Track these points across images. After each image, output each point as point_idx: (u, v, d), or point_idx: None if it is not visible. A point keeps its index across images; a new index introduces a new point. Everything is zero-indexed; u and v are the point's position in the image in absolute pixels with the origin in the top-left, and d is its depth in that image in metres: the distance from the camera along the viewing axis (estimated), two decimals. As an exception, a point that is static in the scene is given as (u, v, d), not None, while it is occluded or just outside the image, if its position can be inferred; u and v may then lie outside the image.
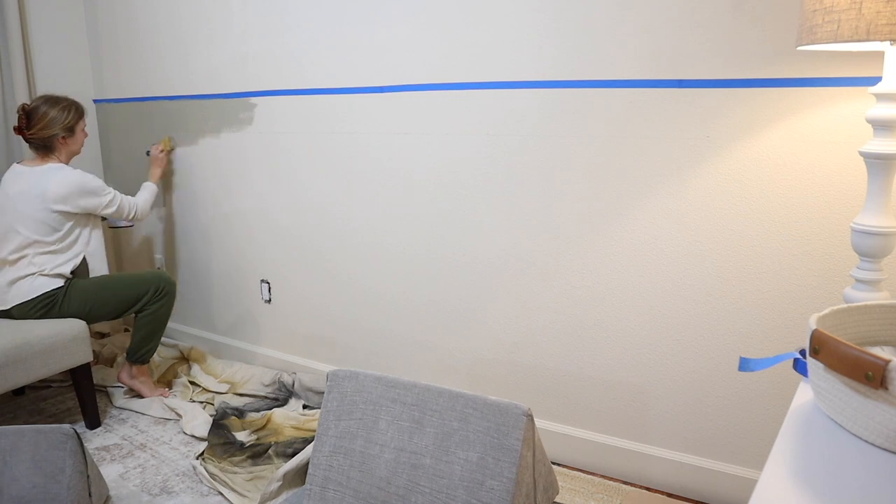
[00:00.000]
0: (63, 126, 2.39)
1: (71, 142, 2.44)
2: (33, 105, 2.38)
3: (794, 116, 1.60)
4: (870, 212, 1.32)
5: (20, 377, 2.18)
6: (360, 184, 2.39)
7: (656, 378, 1.90)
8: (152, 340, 2.56)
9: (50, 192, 2.30)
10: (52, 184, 2.31)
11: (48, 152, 2.41)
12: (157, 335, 2.57)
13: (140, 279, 2.48)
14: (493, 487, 1.29)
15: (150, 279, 2.50)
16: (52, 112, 2.37)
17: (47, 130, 2.37)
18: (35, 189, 2.31)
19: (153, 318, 2.51)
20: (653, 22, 1.73)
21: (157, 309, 2.51)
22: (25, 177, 2.35)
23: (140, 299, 2.47)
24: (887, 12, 1.09)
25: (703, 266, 1.78)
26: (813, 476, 0.71)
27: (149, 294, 2.48)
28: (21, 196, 2.32)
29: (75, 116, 2.43)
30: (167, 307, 2.54)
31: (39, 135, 2.37)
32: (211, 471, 2.06)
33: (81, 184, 2.36)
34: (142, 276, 2.50)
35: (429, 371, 2.36)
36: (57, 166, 2.37)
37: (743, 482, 1.80)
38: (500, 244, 2.10)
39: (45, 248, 2.34)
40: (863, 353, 0.74)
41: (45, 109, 2.37)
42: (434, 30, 2.09)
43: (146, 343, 2.55)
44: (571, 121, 1.90)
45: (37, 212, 2.31)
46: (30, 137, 2.38)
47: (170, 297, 2.54)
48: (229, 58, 2.65)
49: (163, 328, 2.57)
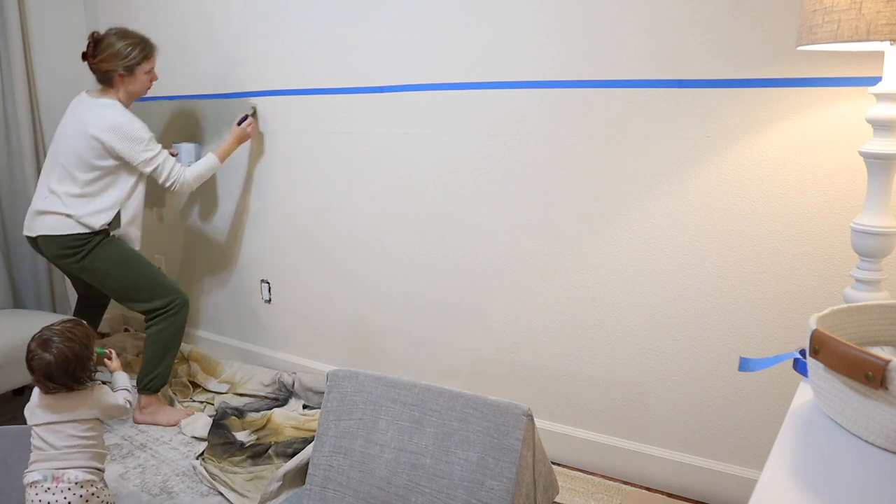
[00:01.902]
0: (123, 63, 2.28)
1: (129, 81, 2.32)
2: (103, 34, 2.30)
3: (794, 116, 1.60)
4: (870, 212, 1.32)
5: (20, 377, 2.18)
6: (360, 184, 2.39)
7: (656, 378, 1.90)
8: (159, 366, 2.40)
9: (91, 126, 2.23)
10: (96, 118, 2.24)
11: (108, 86, 2.32)
12: (164, 360, 2.41)
13: (163, 282, 2.39)
14: (493, 487, 1.29)
15: (172, 288, 2.39)
16: (117, 46, 2.27)
17: (106, 64, 2.27)
18: (82, 121, 2.25)
19: (159, 337, 2.38)
20: (653, 22, 1.73)
21: (168, 327, 2.38)
22: (82, 107, 2.30)
23: (153, 300, 2.36)
24: (887, 12, 1.09)
25: (703, 266, 1.78)
26: (813, 476, 0.71)
27: (163, 301, 2.36)
28: (71, 126, 2.28)
29: (139, 56, 2.30)
30: (176, 328, 2.40)
31: (99, 67, 2.29)
32: (211, 471, 2.06)
33: (123, 127, 2.24)
34: (167, 280, 2.41)
35: (429, 371, 2.36)
36: (110, 103, 2.29)
37: (743, 482, 1.80)
38: (500, 244, 2.10)
39: (78, 189, 2.26)
40: (863, 353, 0.74)
41: (111, 41, 2.27)
42: (434, 30, 2.09)
43: (153, 368, 2.39)
44: (571, 121, 1.90)
45: (77, 143, 2.24)
46: (92, 67, 2.31)
47: (180, 317, 2.41)
48: (229, 58, 2.65)
49: (171, 353, 2.42)
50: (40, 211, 2.30)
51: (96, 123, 2.24)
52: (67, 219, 2.26)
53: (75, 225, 2.26)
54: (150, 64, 2.37)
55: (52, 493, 1.53)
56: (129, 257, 2.36)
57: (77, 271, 2.34)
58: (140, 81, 2.35)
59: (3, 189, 2.86)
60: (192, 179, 2.42)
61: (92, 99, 2.32)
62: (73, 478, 1.55)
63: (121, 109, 2.29)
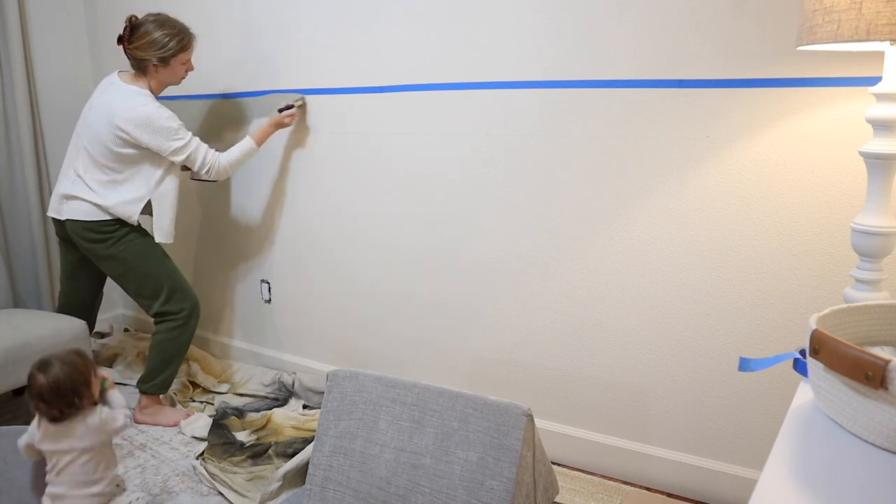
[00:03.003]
0: (158, 54, 2.21)
1: (164, 72, 2.26)
2: (141, 19, 2.23)
3: (794, 116, 1.60)
4: (870, 212, 1.32)
5: (20, 377, 2.18)
6: (360, 184, 2.39)
7: (656, 378, 1.90)
8: (164, 372, 2.38)
9: (117, 116, 2.17)
10: (123, 108, 2.17)
11: (141, 73, 2.27)
12: (169, 368, 2.38)
13: (183, 287, 2.37)
14: (493, 487, 1.29)
15: (189, 296, 2.38)
16: (154, 34, 2.20)
17: (141, 52, 2.21)
18: (110, 107, 2.20)
19: (168, 346, 2.36)
20: (653, 22, 1.73)
21: (176, 337, 2.35)
22: (112, 90, 2.25)
23: (167, 303, 2.34)
24: (887, 12, 1.09)
25: (703, 266, 1.78)
26: (813, 476, 0.71)
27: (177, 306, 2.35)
28: (99, 109, 2.24)
29: (175, 48, 2.23)
30: (185, 338, 2.38)
31: (134, 54, 2.22)
32: (211, 471, 2.06)
33: (150, 119, 2.18)
34: (186, 286, 2.39)
35: (429, 371, 2.36)
36: (140, 91, 2.23)
37: (743, 482, 1.81)
38: (500, 244, 2.10)
39: (105, 176, 2.23)
40: (863, 353, 0.74)
41: (148, 28, 2.20)
42: (434, 30, 2.09)
43: (157, 373, 2.37)
44: (571, 121, 1.90)
45: (101, 129, 2.20)
46: (126, 51, 2.24)
47: (190, 326, 2.39)
48: (229, 58, 2.65)
49: (176, 362, 2.40)
50: (68, 195, 2.27)
51: (123, 113, 2.17)
52: (97, 207, 2.24)
53: (105, 213, 2.25)
54: (187, 55, 2.31)
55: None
56: (155, 253, 2.34)
57: (100, 259, 2.30)
58: (175, 72, 2.29)
59: (3, 189, 2.85)
60: (228, 165, 2.34)
61: (123, 84, 2.26)
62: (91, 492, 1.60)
63: (149, 99, 2.23)
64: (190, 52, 2.31)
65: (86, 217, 2.24)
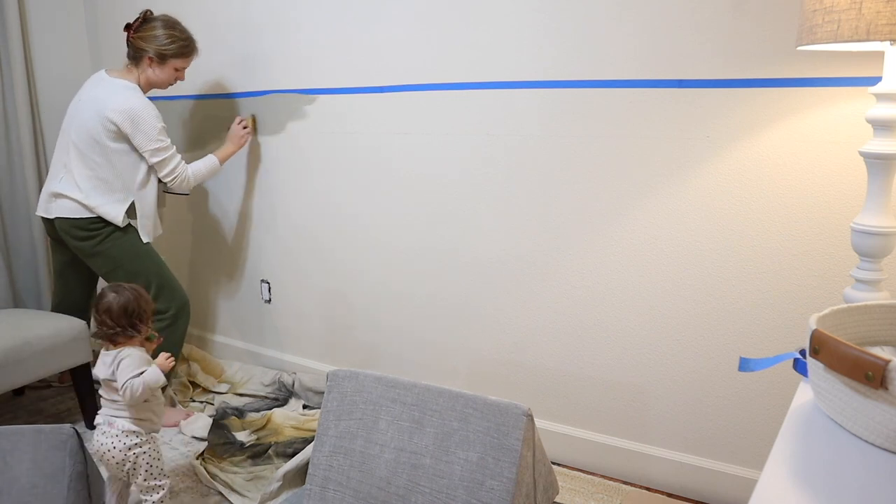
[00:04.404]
0: (157, 49, 2.27)
1: (157, 70, 2.30)
2: (156, 16, 2.30)
3: (794, 116, 1.60)
4: (870, 212, 1.32)
5: (20, 377, 2.18)
6: (360, 184, 2.39)
7: (656, 378, 1.90)
8: None
9: (107, 108, 2.20)
10: (113, 100, 2.21)
11: (134, 65, 2.31)
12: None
13: (172, 285, 2.38)
14: (493, 487, 1.29)
15: (178, 294, 2.39)
16: (159, 31, 2.27)
17: (143, 42, 2.27)
18: (98, 100, 2.23)
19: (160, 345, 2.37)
20: (653, 22, 1.73)
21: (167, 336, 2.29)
22: (102, 85, 2.28)
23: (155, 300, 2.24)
24: (887, 12, 1.09)
25: (703, 266, 1.78)
26: (813, 476, 0.71)
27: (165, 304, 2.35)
28: (87, 103, 2.26)
29: (176, 50, 2.30)
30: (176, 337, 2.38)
31: (135, 42, 2.28)
32: (211, 471, 2.06)
33: (139, 113, 2.22)
34: (175, 284, 2.40)
35: (429, 371, 2.36)
36: (129, 85, 2.27)
37: (743, 482, 1.80)
38: (500, 244, 2.10)
39: (92, 172, 2.25)
40: (863, 353, 0.74)
41: (156, 24, 2.28)
42: (434, 30, 2.09)
43: None
44: (571, 121, 1.90)
45: (90, 122, 2.23)
46: (128, 39, 2.29)
47: (180, 325, 2.39)
48: (230, 58, 2.65)
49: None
50: (56, 193, 2.29)
51: (112, 105, 2.21)
52: (83, 205, 2.26)
53: (92, 211, 2.27)
54: (184, 62, 2.36)
55: (106, 437, 1.73)
56: (143, 251, 2.36)
57: (89, 256, 2.32)
58: (166, 74, 2.33)
59: (3, 189, 2.85)
60: (193, 177, 2.39)
61: (111, 78, 2.30)
62: (122, 427, 1.73)
63: (139, 94, 2.27)
64: (188, 61, 2.37)
65: (73, 214, 2.27)
